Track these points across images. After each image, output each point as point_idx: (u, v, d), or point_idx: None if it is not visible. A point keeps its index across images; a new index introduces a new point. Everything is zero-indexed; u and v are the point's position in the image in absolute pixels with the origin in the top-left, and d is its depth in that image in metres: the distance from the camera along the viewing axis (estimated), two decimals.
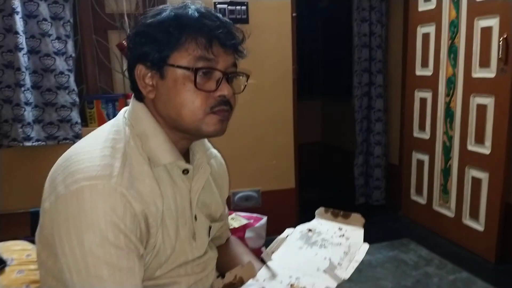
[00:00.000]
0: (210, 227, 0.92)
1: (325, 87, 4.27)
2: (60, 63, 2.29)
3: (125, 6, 2.37)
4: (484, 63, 2.28)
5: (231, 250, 1.11)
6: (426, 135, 2.76)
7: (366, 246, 1.00)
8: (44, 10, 2.21)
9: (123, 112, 0.85)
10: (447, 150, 2.59)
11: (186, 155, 0.88)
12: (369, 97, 3.16)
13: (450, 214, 2.59)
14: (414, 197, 2.92)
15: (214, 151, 1.03)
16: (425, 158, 2.78)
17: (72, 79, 2.32)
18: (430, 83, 2.67)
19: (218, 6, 2.45)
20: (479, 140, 2.35)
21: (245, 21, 2.51)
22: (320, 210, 1.15)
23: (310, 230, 1.11)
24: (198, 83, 0.76)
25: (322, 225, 1.13)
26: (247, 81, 0.87)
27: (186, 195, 0.85)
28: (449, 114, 2.56)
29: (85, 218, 0.68)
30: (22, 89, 2.18)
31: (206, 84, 0.77)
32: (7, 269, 1.21)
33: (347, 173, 3.35)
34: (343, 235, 1.07)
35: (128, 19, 2.34)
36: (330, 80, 4.19)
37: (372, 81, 3.12)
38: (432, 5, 2.62)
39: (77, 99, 2.33)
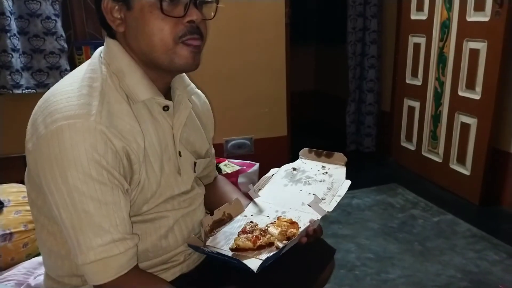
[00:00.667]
0: (195, 163, 0.95)
1: (318, 32, 4.18)
2: (46, 8, 2.22)
3: None
4: (479, 6, 2.24)
5: (219, 188, 1.15)
6: (418, 82, 2.76)
7: (348, 182, 1.04)
8: None
9: (99, 52, 0.84)
10: (438, 96, 2.61)
11: (168, 94, 0.88)
12: (363, 43, 3.12)
13: (438, 159, 2.65)
14: (404, 143, 2.97)
15: (198, 91, 1.03)
16: (416, 104, 2.80)
17: (59, 24, 2.26)
18: (425, 27, 2.63)
19: None
20: (470, 85, 2.35)
21: None
22: (304, 151, 1.19)
23: (294, 169, 1.15)
24: (164, 9, 0.75)
25: (306, 164, 1.17)
26: (217, 6, 0.86)
27: (168, 131, 0.86)
28: (442, 60, 2.54)
29: (66, 156, 0.70)
30: (8, 34, 2.13)
31: (174, 10, 0.76)
32: (4, 209, 1.26)
33: (340, 120, 3.38)
34: (326, 173, 1.11)
35: None
36: (324, 25, 4.09)
37: (367, 26, 3.07)
38: None
39: (66, 45, 2.28)
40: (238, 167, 2.31)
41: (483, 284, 1.73)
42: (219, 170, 2.23)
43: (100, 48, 0.86)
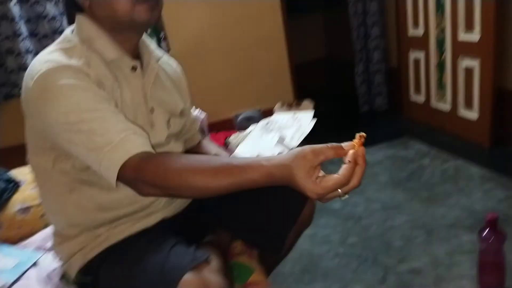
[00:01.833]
0: (169, 119, 1.03)
1: None
2: (51, 8, 2.38)
3: None
4: None
5: (203, 148, 1.25)
6: (420, 32, 2.72)
7: (313, 121, 1.12)
8: None
9: (69, 29, 0.95)
10: (440, 44, 2.57)
11: (137, 59, 0.98)
12: (363, 1, 3.09)
13: (446, 107, 2.63)
14: (414, 96, 2.95)
15: (168, 56, 1.14)
16: (421, 55, 2.76)
17: (65, 22, 2.41)
18: None
19: None
20: (469, 27, 2.31)
21: None
22: (277, 105, 1.27)
23: (268, 123, 1.24)
24: None
25: (279, 115, 1.25)
26: None
27: (139, 90, 0.96)
28: (440, 5, 2.50)
29: (56, 85, 0.81)
30: (20, 38, 2.31)
31: None
32: (21, 188, 1.43)
33: (352, 84, 3.38)
34: (295, 119, 1.19)
35: None
36: None
37: None
38: None
39: None
40: None
41: None
42: (227, 143, 2.34)
43: (70, 27, 0.97)
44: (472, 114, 2.43)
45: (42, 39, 2.39)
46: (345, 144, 0.71)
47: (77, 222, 0.96)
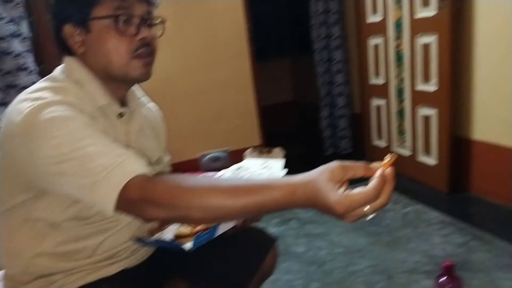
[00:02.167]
0: None
1: (292, 44, 4.31)
2: (17, 45, 2.35)
3: None
4: (426, 2, 2.35)
5: None
6: (381, 81, 2.85)
7: (284, 171, 1.12)
8: None
9: (58, 69, 0.93)
10: (400, 93, 2.69)
11: (123, 106, 0.98)
12: (328, 50, 3.23)
13: (407, 152, 2.72)
14: (376, 141, 3.04)
15: (152, 103, 1.14)
16: (382, 103, 2.88)
17: (31, 59, 2.39)
18: (381, 28, 2.74)
19: None
20: (426, 78, 2.44)
21: None
22: (248, 151, 1.27)
23: (239, 168, 1.24)
24: (119, 29, 0.87)
25: (250, 162, 1.25)
26: (165, 26, 0.96)
27: (123, 137, 0.95)
28: (399, 57, 2.64)
29: (47, 118, 0.77)
30: None
31: (128, 30, 0.88)
32: None
33: (317, 126, 3.46)
34: (266, 167, 1.19)
35: None
36: (296, 37, 4.23)
37: (330, 33, 3.18)
38: None
39: (39, 79, 2.40)
40: None
41: None
42: None
43: (59, 67, 0.95)
44: (431, 160, 2.52)
45: (6, 75, 2.35)
46: (375, 164, 0.67)
47: (33, 269, 0.91)
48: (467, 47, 2.25)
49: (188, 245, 0.85)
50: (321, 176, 0.63)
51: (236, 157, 3.11)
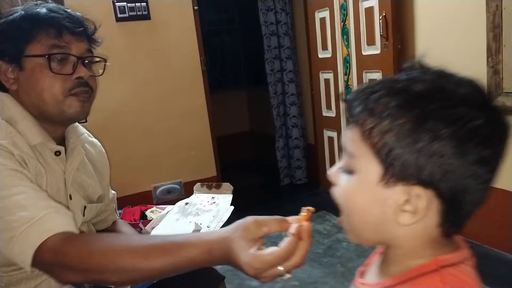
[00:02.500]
0: (85, 207, 0.99)
1: (248, 77, 4.40)
2: None
3: None
4: (371, 41, 2.49)
5: (118, 229, 1.19)
6: (332, 113, 2.96)
7: (231, 208, 1.12)
8: None
9: None
10: None
11: (62, 143, 0.95)
12: (282, 83, 3.32)
13: None
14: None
15: (93, 139, 1.10)
16: (334, 134, 2.98)
17: None
18: (331, 64, 2.86)
19: (117, 4, 2.47)
20: None
21: (147, 17, 2.56)
22: (197, 185, 1.26)
23: (187, 203, 1.22)
24: (53, 68, 0.85)
25: (198, 197, 1.23)
26: (105, 65, 0.96)
27: (60, 176, 0.92)
28: (348, 92, 2.76)
29: None
30: None
31: (63, 69, 0.86)
32: None
33: (273, 157, 3.50)
34: (214, 203, 1.18)
35: None
36: (251, 69, 4.33)
37: (283, 67, 3.28)
38: None
39: None
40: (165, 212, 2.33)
41: None
42: (144, 216, 2.24)
43: None
44: None
45: None
46: (291, 218, 0.65)
47: None
48: None
49: None
50: (235, 234, 0.62)
51: (190, 188, 3.06)
